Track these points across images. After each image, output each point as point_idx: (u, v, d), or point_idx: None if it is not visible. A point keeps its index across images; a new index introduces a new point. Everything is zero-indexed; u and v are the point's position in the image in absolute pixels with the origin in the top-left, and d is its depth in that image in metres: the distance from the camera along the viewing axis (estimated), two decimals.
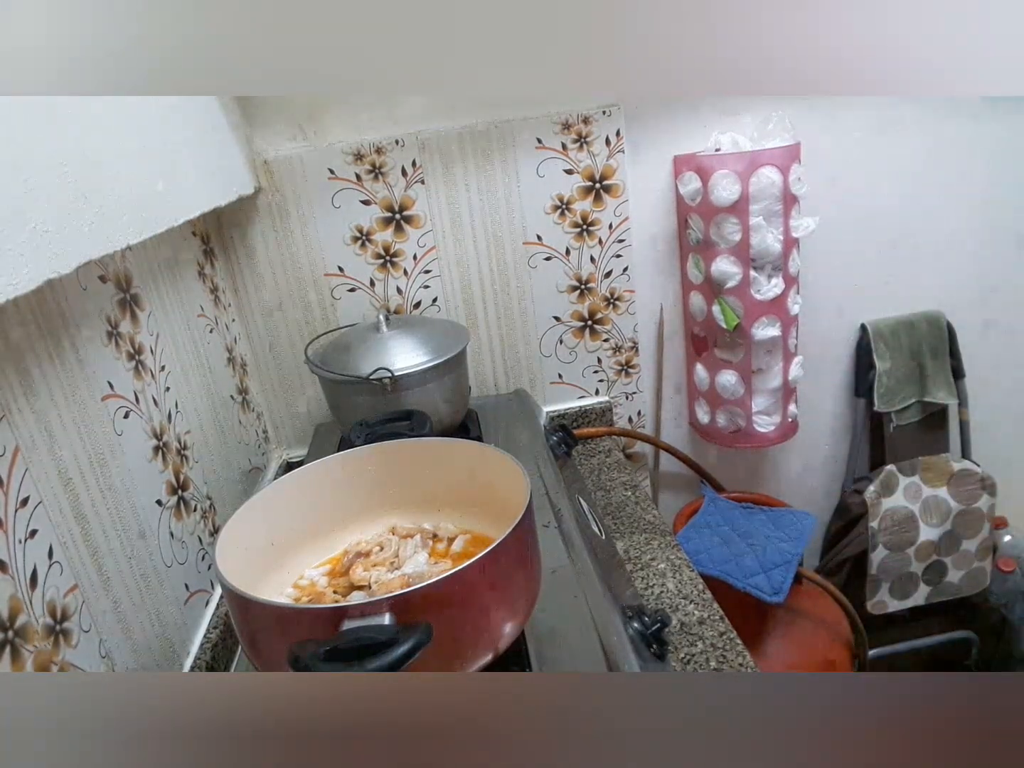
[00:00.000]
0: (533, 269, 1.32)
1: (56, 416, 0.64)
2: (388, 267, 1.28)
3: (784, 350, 1.32)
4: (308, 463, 0.77)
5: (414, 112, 1.21)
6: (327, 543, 0.77)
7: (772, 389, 1.34)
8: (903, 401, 1.50)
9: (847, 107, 1.32)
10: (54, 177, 0.56)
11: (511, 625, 0.60)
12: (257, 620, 0.58)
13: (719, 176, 1.18)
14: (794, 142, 1.21)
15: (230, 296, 1.25)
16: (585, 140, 1.25)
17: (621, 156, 1.26)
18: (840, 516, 1.59)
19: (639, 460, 1.50)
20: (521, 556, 0.61)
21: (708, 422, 1.42)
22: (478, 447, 0.76)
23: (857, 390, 1.53)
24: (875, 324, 1.47)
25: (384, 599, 0.52)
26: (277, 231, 1.23)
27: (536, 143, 1.24)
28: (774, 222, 1.21)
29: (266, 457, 1.29)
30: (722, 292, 1.26)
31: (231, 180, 1.07)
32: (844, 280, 1.44)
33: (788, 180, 1.18)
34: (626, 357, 1.41)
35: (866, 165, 1.36)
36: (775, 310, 1.26)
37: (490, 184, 1.25)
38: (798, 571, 1.23)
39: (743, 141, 1.24)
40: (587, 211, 1.29)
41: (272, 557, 0.72)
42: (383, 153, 1.21)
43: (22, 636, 0.55)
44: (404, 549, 0.73)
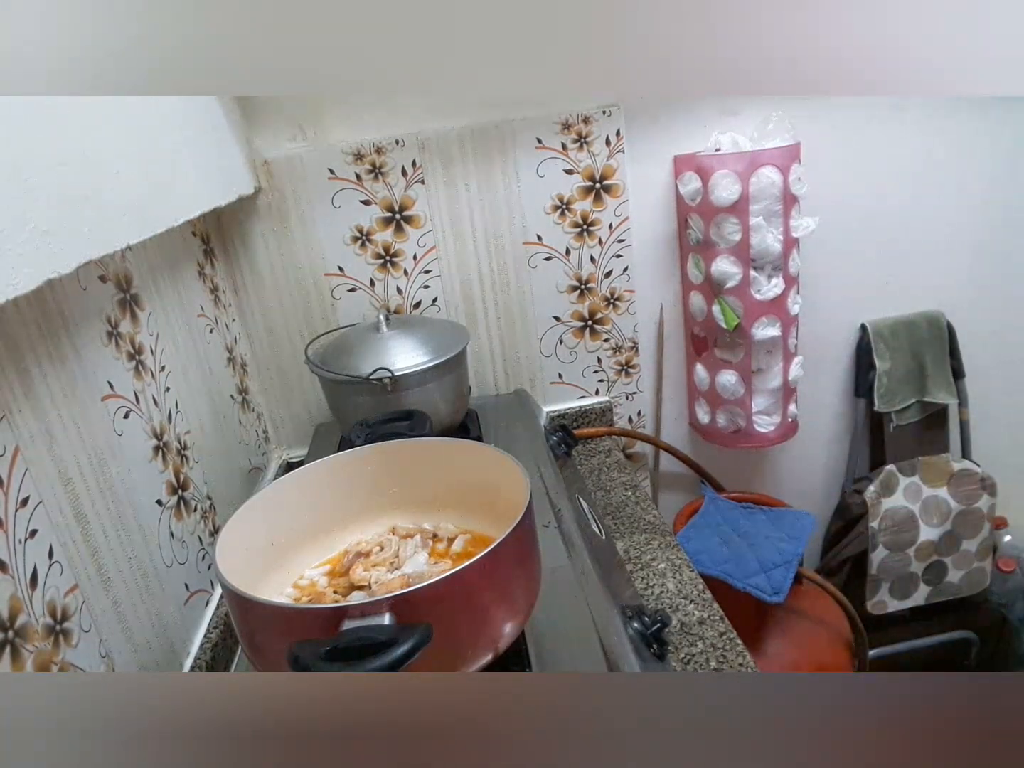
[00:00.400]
0: (533, 269, 1.32)
1: (56, 416, 0.64)
2: (388, 267, 1.28)
3: (784, 350, 1.32)
4: (308, 463, 0.77)
5: (414, 112, 1.21)
6: (327, 543, 0.77)
7: (772, 389, 1.34)
8: (903, 401, 1.50)
9: (847, 107, 1.32)
10: (54, 177, 0.56)
11: (511, 625, 0.60)
12: (257, 620, 0.58)
13: (719, 176, 1.18)
14: (794, 142, 1.21)
15: (230, 296, 1.25)
16: (585, 140, 1.25)
17: (621, 156, 1.26)
18: (840, 516, 1.59)
19: (639, 460, 1.50)
20: (521, 556, 0.61)
21: (708, 422, 1.42)
22: (478, 447, 0.76)
23: (857, 390, 1.53)
24: (875, 324, 1.47)
25: (384, 599, 0.52)
26: (277, 231, 1.23)
27: (536, 143, 1.24)
28: (774, 222, 1.21)
29: (266, 457, 1.29)
30: (722, 292, 1.26)
31: (231, 180, 1.07)
32: (844, 280, 1.44)
33: (788, 180, 1.18)
34: (626, 357, 1.41)
35: (866, 165, 1.36)
36: (775, 310, 1.26)
37: (490, 184, 1.25)
38: (798, 571, 1.23)
39: (743, 141, 1.24)
40: (587, 211, 1.29)
41: (272, 557, 0.72)
42: (383, 153, 1.21)
43: (22, 636, 0.55)
44: (404, 549, 0.73)
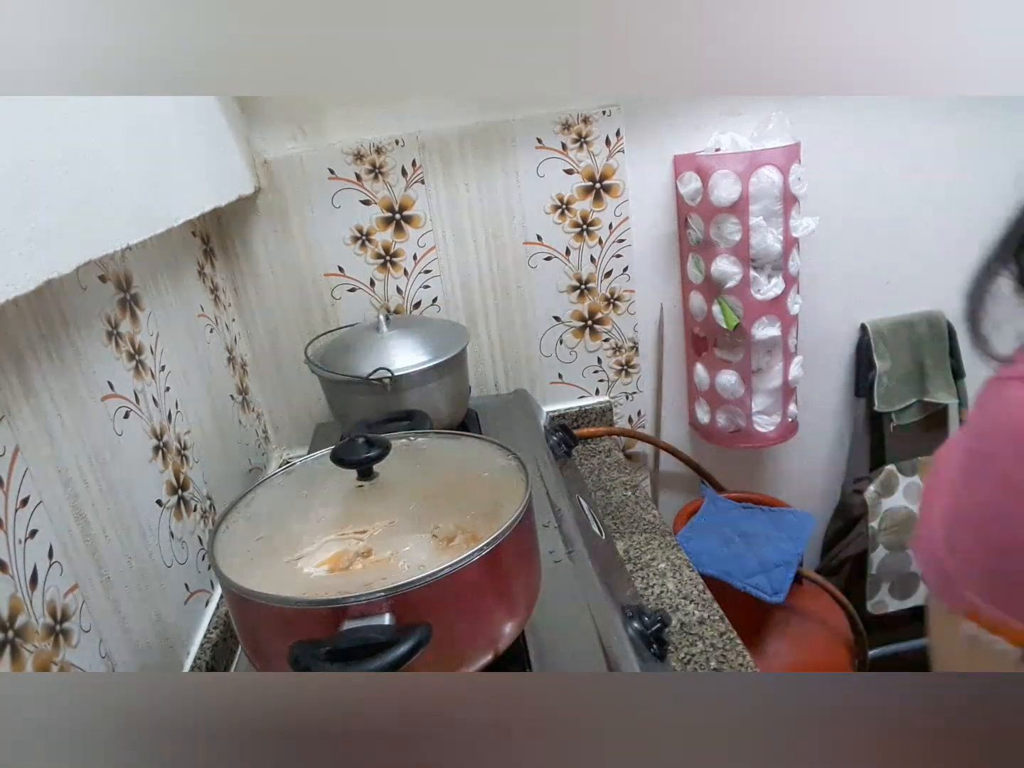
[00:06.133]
0: (533, 269, 1.32)
1: (56, 416, 0.64)
2: (388, 267, 1.28)
3: (784, 350, 1.32)
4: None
5: (414, 112, 1.21)
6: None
7: (772, 389, 1.34)
8: (903, 401, 1.50)
9: (847, 107, 1.32)
10: (54, 177, 0.56)
11: (511, 625, 0.60)
12: (257, 619, 0.58)
13: (719, 176, 1.18)
14: (794, 142, 1.21)
15: (230, 296, 1.25)
16: (585, 140, 1.25)
17: (621, 156, 1.26)
18: (840, 516, 1.59)
19: (639, 460, 1.50)
20: (521, 556, 0.61)
21: (708, 422, 1.42)
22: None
23: (857, 390, 1.53)
24: (875, 324, 1.47)
25: (384, 599, 0.52)
26: (277, 231, 1.23)
27: (536, 143, 1.24)
28: (774, 222, 1.21)
29: (266, 457, 1.29)
30: (722, 292, 1.26)
31: (231, 180, 1.07)
32: (844, 280, 1.44)
33: (788, 180, 1.18)
34: (626, 357, 1.41)
35: (866, 165, 1.36)
36: (775, 310, 1.26)
37: (490, 184, 1.25)
38: (798, 571, 1.23)
39: (743, 141, 1.24)
40: (587, 211, 1.29)
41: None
42: (383, 153, 1.21)
43: (22, 636, 0.55)
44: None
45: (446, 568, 0.54)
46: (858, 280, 1.45)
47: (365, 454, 0.67)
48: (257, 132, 1.19)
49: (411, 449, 0.79)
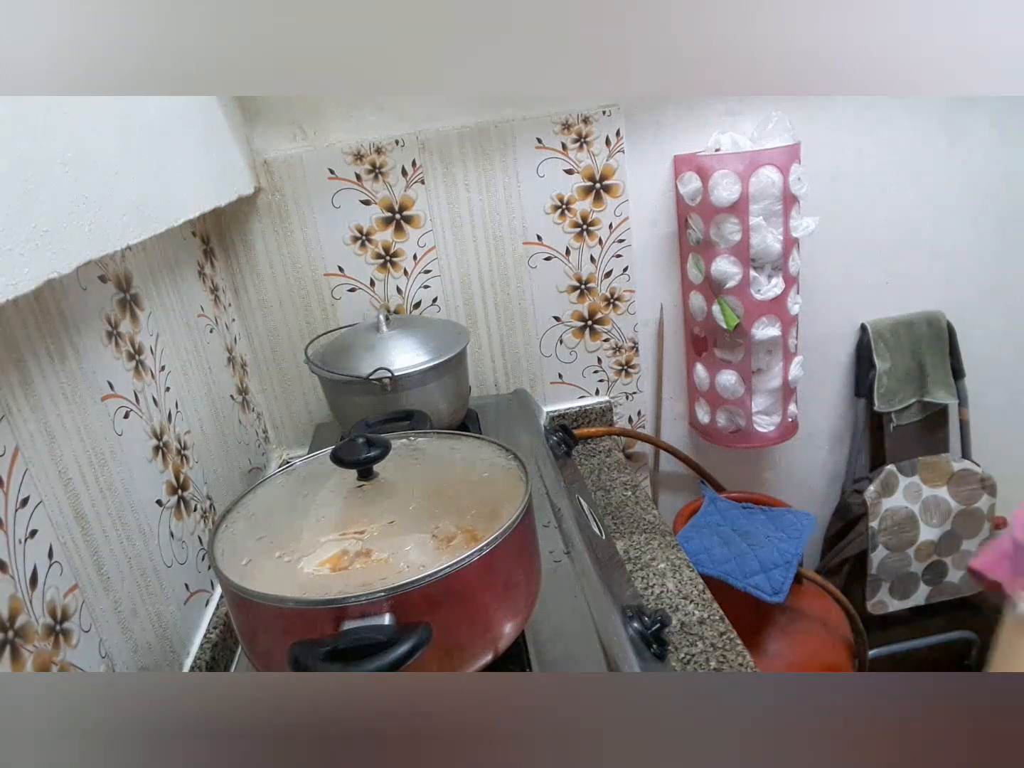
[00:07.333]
0: (533, 269, 1.32)
1: (56, 416, 0.64)
2: (388, 267, 1.28)
3: (784, 350, 1.32)
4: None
5: (414, 112, 1.21)
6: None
7: (772, 389, 1.34)
8: (903, 401, 1.50)
9: (847, 107, 1.32)
10: (54, 177, 0.56)
11: (511, 625, 0.60)
12: (257, 619, 0.58)
13: (719, 176, 1.18)
14: (794, 142, 1.21)
15: (230, 296, 1.25)
16: (585, 140, 1.25)
17: (621, 156, 1.26)
18: (840, 516, 1.59)
19: (639, 460, 1.50)
20: (521, 556, 0.61)
21: (708, 422, 1.42)
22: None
23: (857, 390, 1.53)
24: (875, 324, 1.47)
25: (384, 599, 0.52)
26: (277, 231, 1.23)
27: (536, 143, 1.24)
28: (774, 222, 1.21)
29: (266, 457, 1.29)
30: (722, 292, 1.26)
31: (231, 180, 1.07)
32: (844, 280, 1.44)
33: (788, 180, 1.18)
34: (626, 357, 1.41)
35: (866, 165, 1.36)
36: (775, 310, 1.26)
37: (490, 184, 1.25)
38: (798, 571, 1.23)
39: (743, 141, 1.24)
40: (587, 211, 1.29)
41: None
42: (383, 153, 1.21)
43: (22, 636, 0.55)
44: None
45: (446, 568, 0.54)
46: (858, 280, 1.45)
47: (365, 454, 0.67)
48: (257, 132, 1.19)
49: (411, 449, 0.79)
